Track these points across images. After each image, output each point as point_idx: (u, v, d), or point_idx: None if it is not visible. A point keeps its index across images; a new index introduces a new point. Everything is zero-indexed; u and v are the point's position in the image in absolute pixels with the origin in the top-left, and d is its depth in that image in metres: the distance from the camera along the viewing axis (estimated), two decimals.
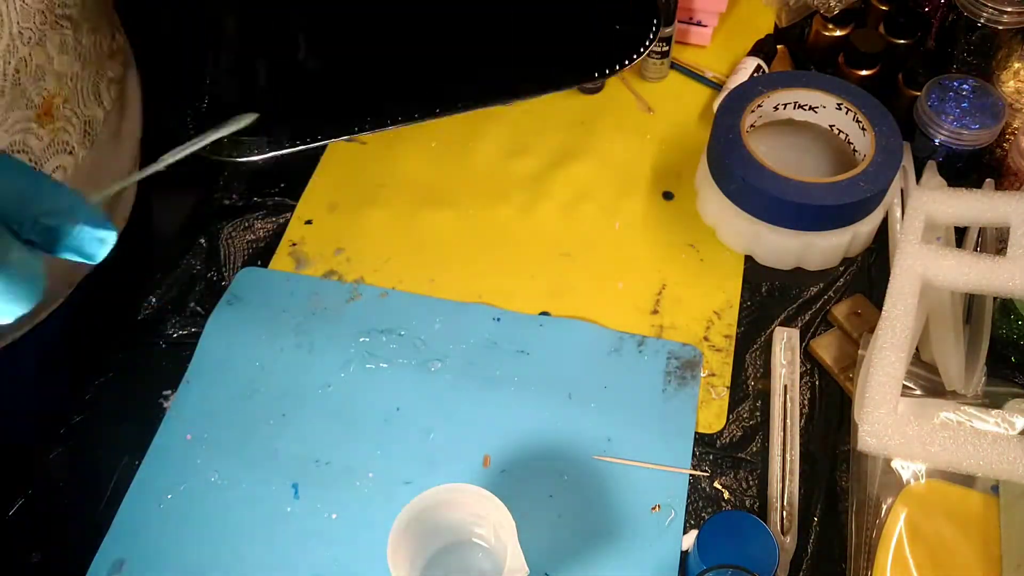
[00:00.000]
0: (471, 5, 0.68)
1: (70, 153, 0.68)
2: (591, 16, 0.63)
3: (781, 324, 0.77)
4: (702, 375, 0.73)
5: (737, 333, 0.76)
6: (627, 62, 0.64)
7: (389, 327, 0.76)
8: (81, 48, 0.66)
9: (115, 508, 0.66)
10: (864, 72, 0.88)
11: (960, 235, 0.78)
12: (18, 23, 0.58)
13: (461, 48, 0.68)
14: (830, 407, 0.72)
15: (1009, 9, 0.81)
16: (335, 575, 0.64)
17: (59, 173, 0.68)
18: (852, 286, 0.79)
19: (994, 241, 0.76)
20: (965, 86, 0.81)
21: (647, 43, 0.60)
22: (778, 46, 0.94)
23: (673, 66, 0.95)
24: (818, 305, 0.78)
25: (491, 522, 0.57)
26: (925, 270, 0.68)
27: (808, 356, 0.75)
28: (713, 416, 0.71)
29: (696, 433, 0.70)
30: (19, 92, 0.61)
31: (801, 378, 0.73)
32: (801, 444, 0.70)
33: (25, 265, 0.41)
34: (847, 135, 0.81)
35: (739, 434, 0.71)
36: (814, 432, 0.71)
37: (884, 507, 0.64)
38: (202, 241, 0.82)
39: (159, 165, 0.51)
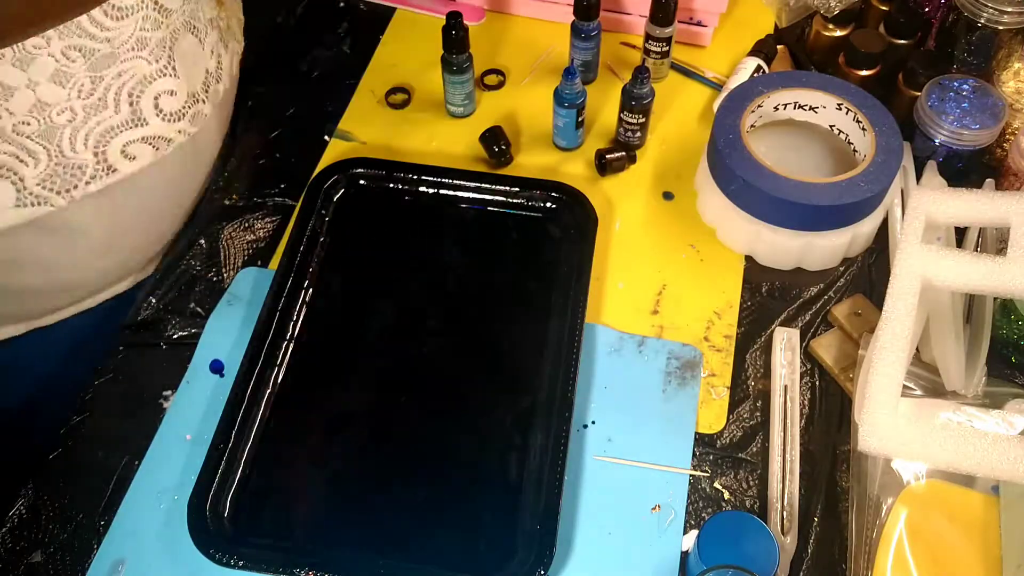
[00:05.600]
0: None
1: (238, 42, 0.81)
2: None
3: (781, 324, 0.77)
4: (702, 375, 0.73)
5: (737, 333, 0.76)
6: None
7: None
8: None
9: (115, 508, 0.67)
10: (864, 72, 0.88)
11: (960, 235, 0.78)
12: None
13: None
14: (830, 407, 0.72)
15: (1009, 9, 0.81)
16: None
17: (236, 58, 0.81)
18: (852, 286, 0.79)
19: (994, 241, 0.76)
20: (965, 86, 0.81)
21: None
22: (778, 46, 0.94)
23: (673, 66, 0.95)
24: (818, 305, 0.78)
25: None
26: (925, 270, 0.68)
27: (808, 356, 0.75)
28: (713, 416, 0.71)
29: (696, 433, 0.70)
30: None
31: (801, 378, 0.73)
32: (801, 444, 0.70)
33: None
34: (847, 135, 0.81)
35: (739, 434, 0.71)
36: (814, 432, 0.71)
37: (884, 507, 0.64)
38: (202, 241, 0.82)
39: None
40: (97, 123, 0.66)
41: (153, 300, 0.78)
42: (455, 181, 0.83)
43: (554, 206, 0.82)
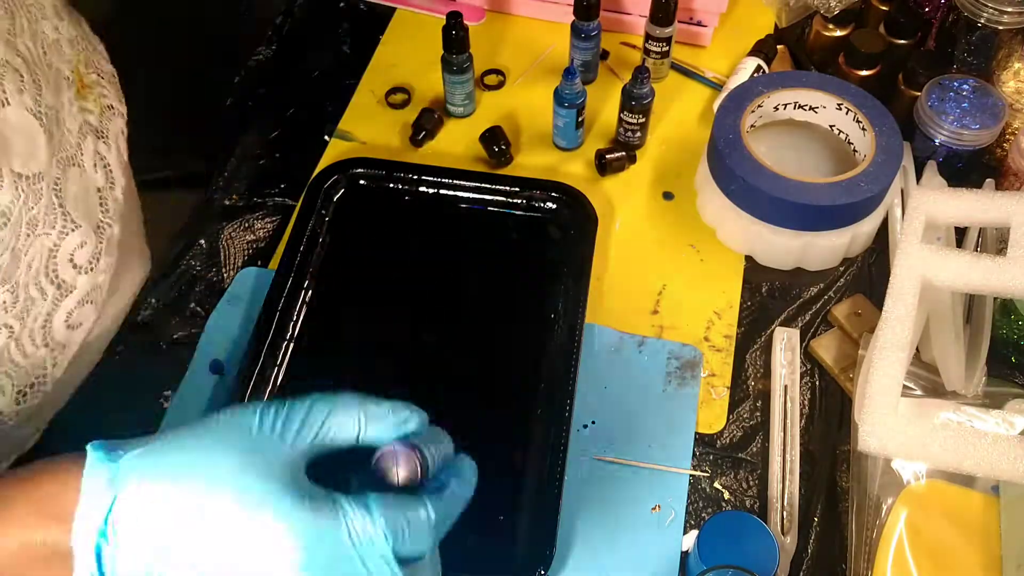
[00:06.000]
0: None
1: (121, 116, 0.70)
2: None
3: (781, 324, 0.77)
4: (702, 375, 0.73)
5: (737, 333, 0.76)
6: None
7: None
8: (69, 13, 0.68)
9: None
10: (864, 72, 0.88)
11: (960, 235, 0.78)
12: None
13: None
14: (830, 407, 0.72)
15: (1009, 9, 0.81)
16: None
17: (121, 139, 0.70)
18: (852, 286, 0.79)
19: (994, 241, 0.76)
20: (965, 86, 0.81)
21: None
22: (778, 46, 0.94)
23: (673, 66, 0.95)
24: (818, 305, 0.78)
25: None
26: (925, 270, 0.68)
27: (808, 356, 0.75)
28: (713, 416, 0.71)
29: (696, 433, 0.70)
30: (54, 73, 0.61)
31: (801, 378, 0.73)
32: (801, 444, 0.70)
33: None
34: (847, 135, 0.81)
35: (739, 434, 0.71)
36: (814, 432, 0.71)
37: (884, 507, 0.64)
38: (202, 242, 0.82)
39: None
40: (34, 319, 0.61)
41: (153, 300, 0.78)
42: (455, 181, 0.83)
43: (554, 206, 0.82)
